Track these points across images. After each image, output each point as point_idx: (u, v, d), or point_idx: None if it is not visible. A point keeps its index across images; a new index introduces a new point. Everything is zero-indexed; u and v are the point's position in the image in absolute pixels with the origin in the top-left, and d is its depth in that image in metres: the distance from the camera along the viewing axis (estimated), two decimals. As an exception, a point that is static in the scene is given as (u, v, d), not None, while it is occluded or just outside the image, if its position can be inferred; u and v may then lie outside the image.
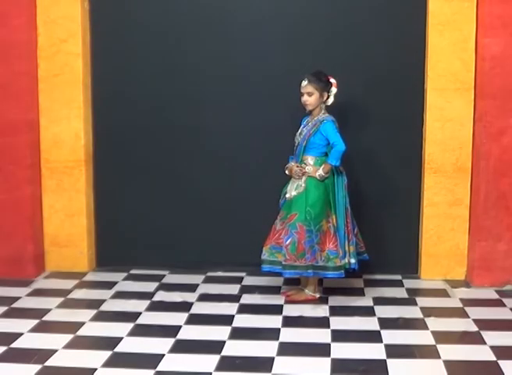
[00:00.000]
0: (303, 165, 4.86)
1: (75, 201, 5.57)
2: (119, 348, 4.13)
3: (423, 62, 5.30)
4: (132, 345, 4.19)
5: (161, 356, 4.01)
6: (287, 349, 4.14)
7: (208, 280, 5.44)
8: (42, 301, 4.97)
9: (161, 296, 5.07)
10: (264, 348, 4.13)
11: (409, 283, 5.36)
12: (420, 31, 5.28)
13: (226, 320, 4.58)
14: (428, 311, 4.74)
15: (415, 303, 4.92)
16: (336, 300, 4.96)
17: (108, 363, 3.92)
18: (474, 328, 4.44)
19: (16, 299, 4.99)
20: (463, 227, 5.35)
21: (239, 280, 5.40)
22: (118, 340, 4.24)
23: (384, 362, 3.93)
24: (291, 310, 4.77)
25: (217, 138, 5.55)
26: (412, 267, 5.51)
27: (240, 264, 5.44)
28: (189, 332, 4.40)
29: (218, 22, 5.45)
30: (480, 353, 4.07)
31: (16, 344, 4.19)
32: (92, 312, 4.73)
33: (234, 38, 5.47)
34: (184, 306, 4.86)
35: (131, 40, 5.55)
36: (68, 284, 5.32)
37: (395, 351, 4.09)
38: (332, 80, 4.84)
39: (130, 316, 4.64)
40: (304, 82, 4.82)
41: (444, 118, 5.26)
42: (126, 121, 5.60)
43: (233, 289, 5.21)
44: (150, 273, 5.54)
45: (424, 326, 4.50)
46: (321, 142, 4.81)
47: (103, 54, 5.58)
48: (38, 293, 5.17)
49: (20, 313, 4.73)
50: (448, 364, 3.90)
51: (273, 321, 4.58)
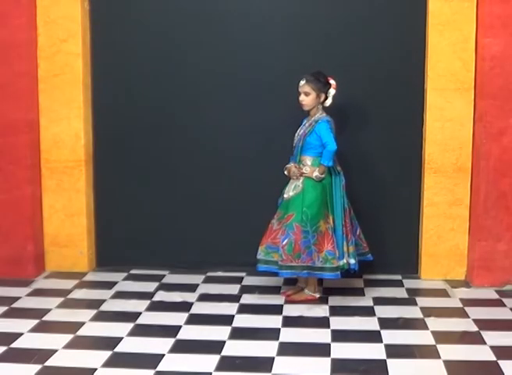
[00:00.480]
0: (301, 165, 4.86)
1: (75, 201, 5.57)
2: (119, 348, 4.13)
3: (423, 62, 5.30)
4: (132, 345, 4.19)
5: (161, 356, 4.01)
6: (287, 349, 4.14)
7: (208, 280, 5.44)
8: (42, 301, 4.97)
9: (161, 296, 5.07)
10: (264, 348, 4.13)
11: (409, 283, 5.36)
12: (420, 31, 5.28)
13: (226, 320, 4.58)
14: (428, 311, 4.74)
15: (415, 303, 4.92)
16: (336, 300, 4.96)
17: (108, 363, 3.93)
18: (474, 328, 4.44)
19: (16, 299, 4.99)
20: (463, 227, 5.35)
21: (239, 280, 5.40)
22: (118, 340, 4.24)
23: (384, 362, 3.93)
24: (291, 310, 4.77)
25: (217, 138, 5.55)
26: (412, 267, 5.51)
27: (240, 264, 5.43)
28: (189, 332, 4.40)
29: (218, 21, 5.45)
30: (480, 353, 4.07)
31: (16, 344, 4.19)
32: (92, 312, 4.73)
33: (234, 38, 5.46)
34: (184, 306, 4.86)
35: (131, 40, 5.55)
36: (68, 284, 5.32)
37: (395, 351, 4.08)
38: (332, 82, 4.84)
39: (130, 316, 4.64)
40: (302, 82, 4.82)
41: (444, 118, 5.26)
42: (126, 121, 5.61)
43: (233, 289, 5.21)
44: (150, 273, 5.54)
45: (424, 326, 4.50)
46: (316, 142, 4.80)
47: (103, 54, 5.58)
48: (38, 293, 5.17)
49: (20, 313, 4.73)
50: (448, 364, 3.90)
51: (273, 321, 4.58)
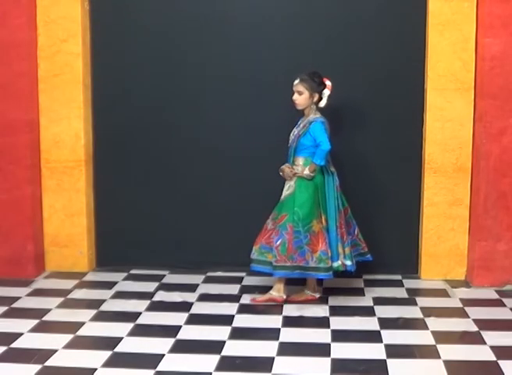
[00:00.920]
0: (294, 166, 4.86)
1: (75, 201, 5.57)
2: (119, 348, 4.13)
3: (423, 62, 5.30)
4: (132, 345, 4.19)
5: (161, 356, 4.01)
6: (287, 349, 4.14)
7: (208, 280, 5.44)
8: (42, 301, 4.97)
9: (161, 296, 5.07)
10: (264, 348, 4.13)
11: (409, 283, 5.36)
12: (420, 31, 5.28)
13: (226, 320, 4.58)
14: (428, 311, 4.74)
15: (415, 303, 4.92)
16: (336, 300, 4.96)
17: (108, 363, 3.93)
18: (474, 328, 4.44)
19: (16, 299, 4.99)
20: (463, 227, 5.35)
21: (239, 280, 5.40)
22: (118, 340, 4.24)
23: (384, 362, 3.93)
24: (291, 310, 4.77)
25: (217, 138, 5.54)
26: (412, 267, 5.51)
27: (240, 264, 5.42)
28: (189, 332, 4.40)
29: (218, 21, 5.45)
30: (480, 353, 4.07)
31: (16, 344, 4.19)
32: (92, 312, 4.73)
33: (234, 38, 5.46)
34: (184, 306, 4.86)
35: (131, 40, 5.55)
36: (68, 284, 5.32)
37: (395, 351, 4.09)
38: (328, 83, 4.80)
39: (130, 316, 4.64)
40: (296, 81, 4.81)
41: (444, 118, 5.26)
42: (126, 121, 5.60)
43: (233, 289, 5.21)
44: (150, 273, 5.54)
45: (424, 326, 4.50)
46: (310, 143, 4.77)
47: (103, 54, 5.58)
48: (38, 293, 5.17)
49: (20, 313, 4.73)
50: (448, 364, 3.90)
51: (273, 321, 4.58)
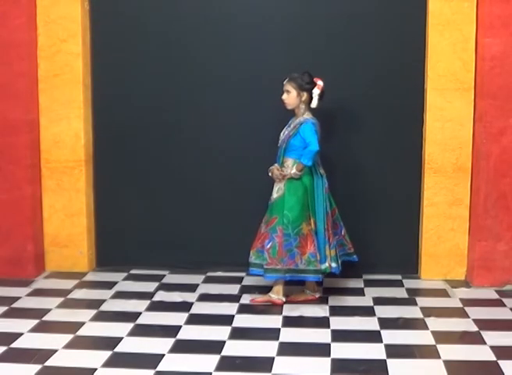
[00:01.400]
0: (283, 168, 4.84)
1: (75, 201, 5.57)
2: (119, 348, 4.13)
3: (423, 62, 5.29)
4: (132, 345, 4.19)
5: (161, 356, 4.01)
6: (287, 349, 4.13)
7: (208, 280, 5.44)
8: (42, 301, 4.97)
9: (161, 296, 5.07)
10: (264, 348, 4.13)
11: (409, 283, 5.35)
12: (420, 31, 5.28)
13: (226, 320, 4.58)
14: (428, 311, 4.74)
15: (415, 303, 4.92)
16: (336, 300, 4.96)
17: (108, 363, 3.93)
18: (474, 328, 4.44)
19: (16, 299, 4.99)
20: (463, 227, 5.35)
21: (239, 280, 5.40)
22: (118, 340, 4.24)
23: (384, 362, 3.92)
24: (291, 310, 4.76)
25: (217, 138, 5.54)
26: (412, 267, 5.51)
27: (240, 264, 5.41)
28: (189, 332, 4.40)
29: (217, 21, 5.45)
30: (480, 353, 4.07)
31: (16, 344, 4.19)
32: (92, 312, 4.73)
33: (234, 38, 5.46)
34: (184, 306, 4.85)
35: (131, 40, 5.54)
36: (68, 284, 5.32)
37: (395, 351, 4.08)
38: (319, 82, 4.76)
39: (130, 316, 4.64)
40: (285, 80, 4.82)
41: (444, 118, 5.26)
42: (126, 121, 5.60)
43: (233, 289, 5.21)
44: (150, 273, 5.54)
45: (424, 326, 4.50)
46: (299, 144, 4.75)
47: (103, 54, 5.58)
48: (38, 293, 5.17)
49: (20, 313, 4.73)
50: (448, 364, 3.90)
51: (273, 321, 4.58)
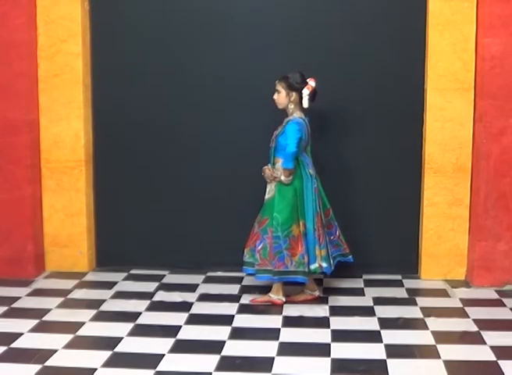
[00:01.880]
0: (274, 168, 4.83)
1: (75, 201, 5.57)
2: (119, 348, 4.13)
3: (423, 62, 5.29)
4: (132, 345, 4.19)
5: (161, 356, 4.01)
6: (287, 349, 4.14)
7: (208, 280, 5.44)
8: (42, 301, 4.97)
9: (161, 296, 5.07)
10: (264, 348, 4.13)
11: (409, 283, 5.36)
12: (420, 31, 5.28)
13: (226, 320, 4.59)
14: (428, 311, 4.74)
15: (415, 303, 4.92)
16: (336, 300, 4.96)
17: (108, 363, 3.93)
18: (474, 328, 4.44)
19: (16, 299, 4.99)
20: (463, 227, 5.35)
21: (239, 280, 5.40)
22: (118, 340, 4.24)
23: (384, 362, 3.93)
24: (291, 310, 4.77)
25: (218, 138, 5.54)
26: (412, 267, 5.51)
27: (240, 264, 5.39)
28: (189, 332, 4.40)
29: (217, 22, 5.45)
30: (480, 353, 4.07)
31: (16, 344, 4.19)
32: (92, 312, 4.73)
33: (234, 38, 5.46)
34: (184, 306, 4.86)
35: (131, 40, 5.54)
36: (68, 284, 5.32)
37: (395, 351, 4.09)
38: (310, 83, 4.75)
39: (130, 316, 4.64)
40: (276, 80, 4.83)
41: (444, 118, 5.26)
42: (126, 121, 5.60)
43: (233, 289, 5.21)
44: (150, 273, 5.54)
45: (424, 326, 4.50)
46: (286, 142, 4.74)
47: (103, 54, 5.58)
48: (38, 293, 5.17)
49: (20, 313, 4.73)
50: (448, 364, 3.90)
51: (273, 321, 4.58)
